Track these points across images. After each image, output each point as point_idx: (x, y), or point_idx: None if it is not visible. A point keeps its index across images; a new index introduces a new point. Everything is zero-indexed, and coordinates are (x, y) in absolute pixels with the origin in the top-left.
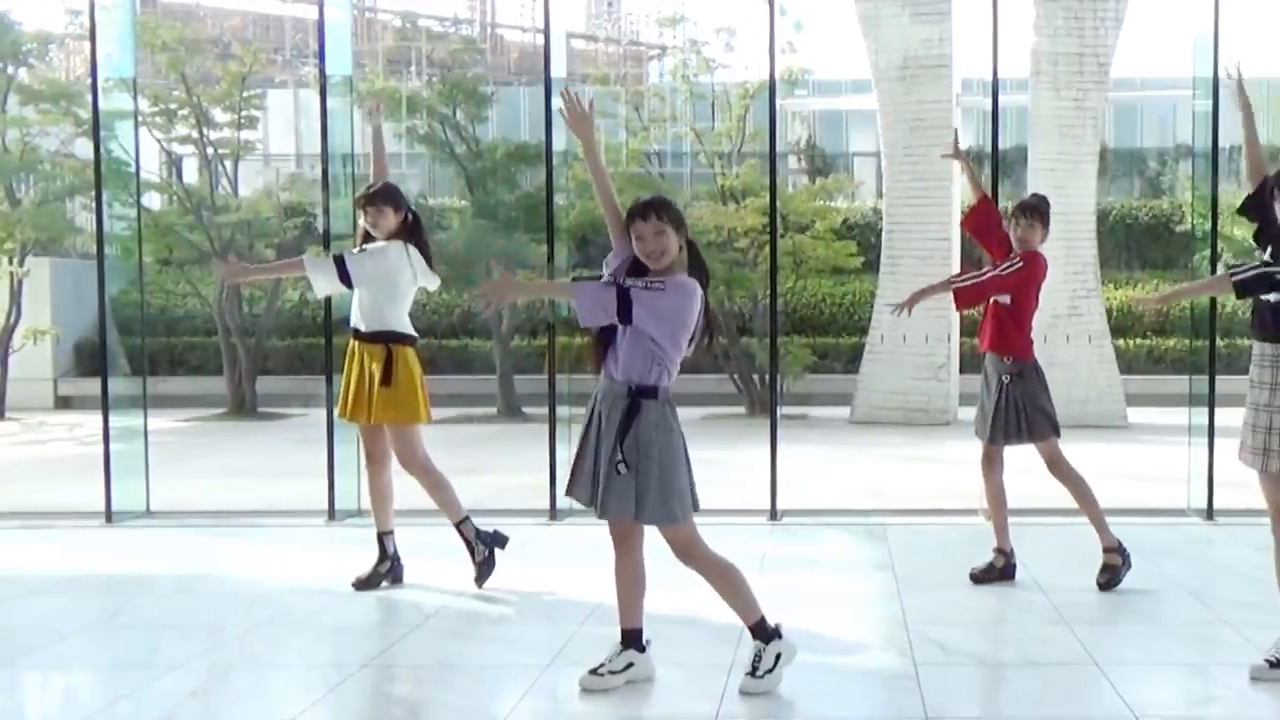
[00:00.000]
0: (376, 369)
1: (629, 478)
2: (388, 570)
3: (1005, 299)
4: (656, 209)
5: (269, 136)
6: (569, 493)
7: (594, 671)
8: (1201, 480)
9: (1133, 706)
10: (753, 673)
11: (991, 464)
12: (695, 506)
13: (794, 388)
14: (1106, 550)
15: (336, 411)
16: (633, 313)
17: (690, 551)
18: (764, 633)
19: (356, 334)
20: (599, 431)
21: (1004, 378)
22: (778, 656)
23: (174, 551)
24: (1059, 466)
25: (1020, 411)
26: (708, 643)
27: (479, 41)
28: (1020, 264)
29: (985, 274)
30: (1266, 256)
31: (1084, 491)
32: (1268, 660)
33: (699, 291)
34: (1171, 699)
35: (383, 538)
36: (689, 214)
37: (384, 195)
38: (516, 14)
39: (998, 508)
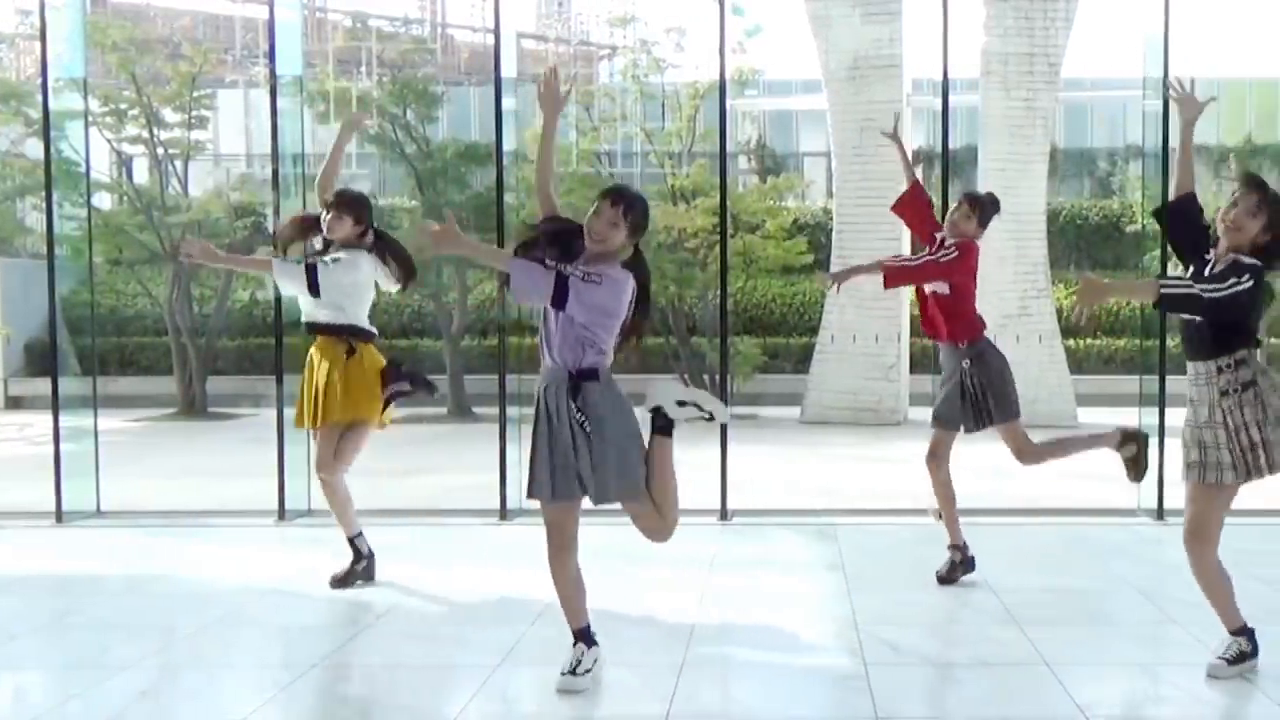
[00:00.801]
0: (337, 365)
1: (589, 458)
2: (364, 569)
3: (944, 289)
4: (627, 203)
5: (219, 136)
6: (534, 495)
7: (572, 673)
8: (1151, 480)
9: (1083, 706)
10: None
11: (938, 458)
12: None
13: (744, 387)
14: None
15: (296, 422)
16: (567, 300)
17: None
18: (586, 637)
19: (314, 328)
20: (552, 424)
21: (964, 363)
22: (595, 660)
23: (124, 551)
24: (1028, 453)
25: (984, 396)
26: (659, 643)
27: (429, 41)
28: (956, 253)
29: (921, 259)
30: (1188, 276)
31: (1065, 446)
32: (1224, 659)
33: (631, 285)
34: (1121, 699)
35: (355, 541)
36: None
37: (349, 204)
38: (467, 14)
39: (947, 502)
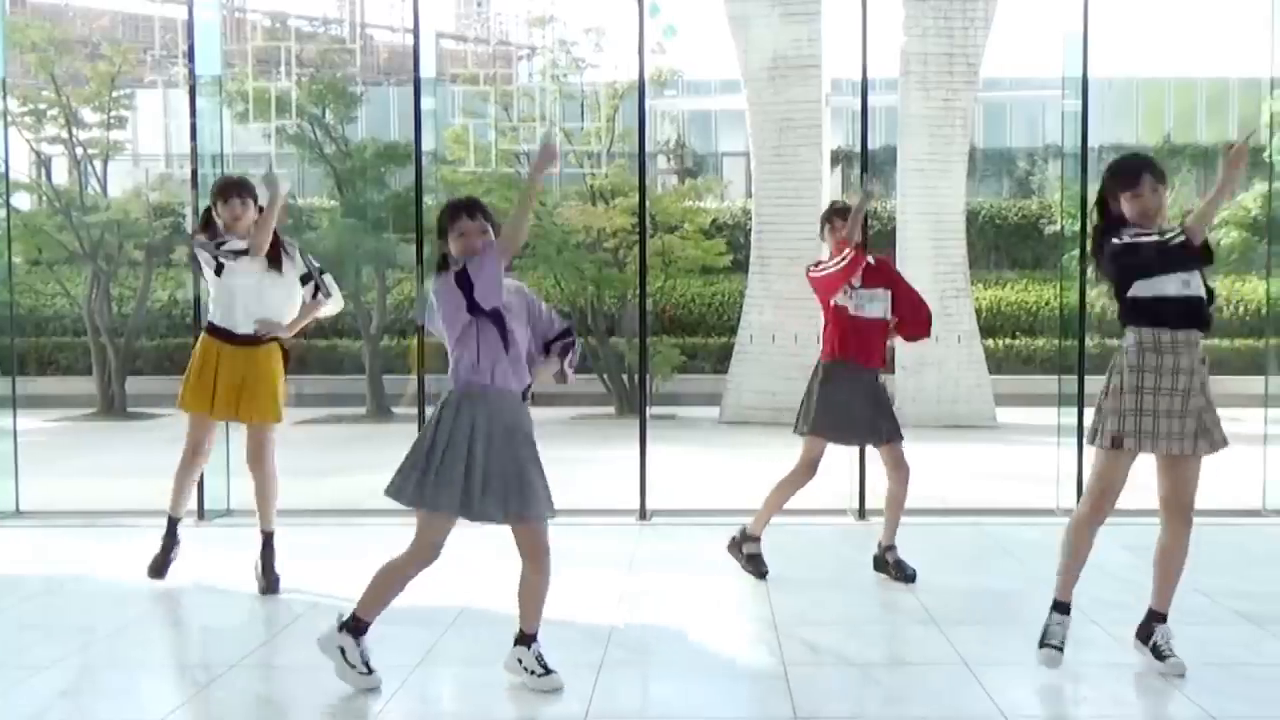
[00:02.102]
0: (265, 367)
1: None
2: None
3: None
4: (480, 209)
5: (138, 136)
6: (436, 507)
7: (544, 674)
8: (1070, 480)
9: (1002, 707)
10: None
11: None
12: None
13: (663, 388)
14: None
15: (197, 406)
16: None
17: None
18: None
19: (233, 337)
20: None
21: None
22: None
23: (44, 551)
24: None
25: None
26: (577, 643)
27: (348, 41)
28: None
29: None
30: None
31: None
32: (1056, 645)
33: None
34: (1041, 699)
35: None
36: (557, 214)
37: (246, 187)
38: (386, 14)
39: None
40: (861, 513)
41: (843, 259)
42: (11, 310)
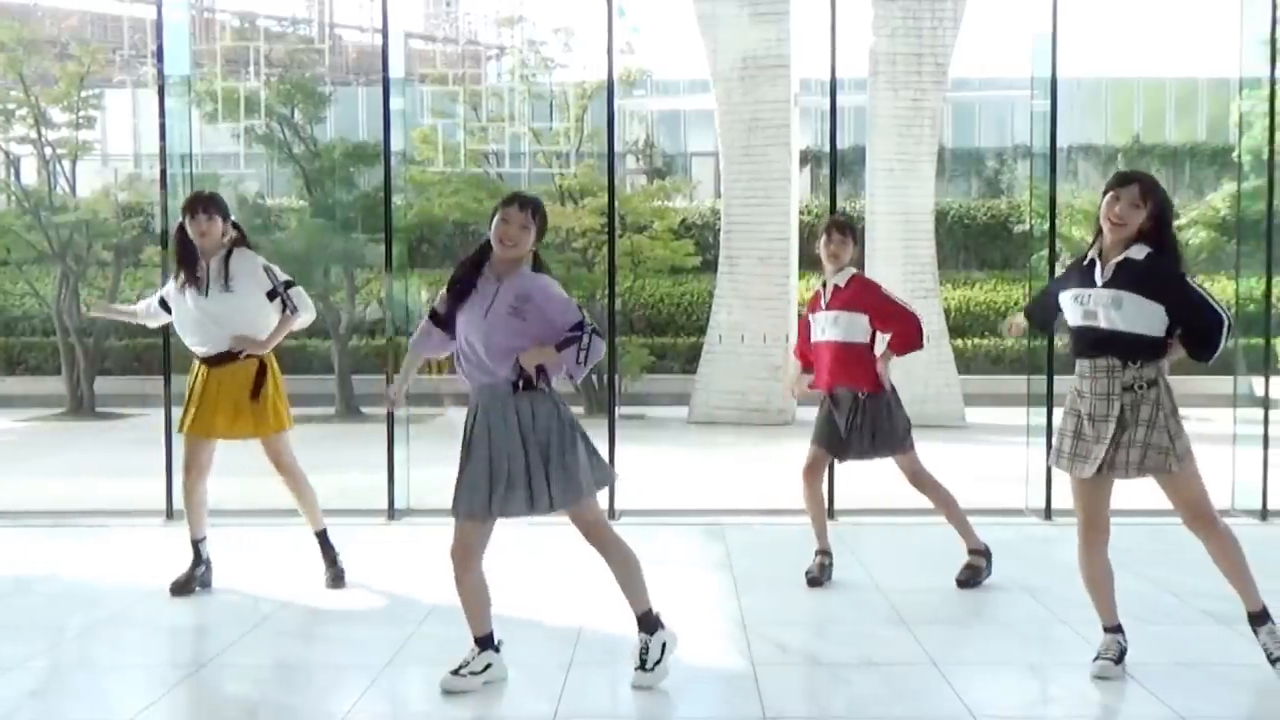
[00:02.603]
0: (236, 383)
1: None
2: (202, 574)
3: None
4: (534, 206)
5: (107, 137)
6: (470, 512)
7: (455, 672)
8: (1039, 480)
9: (971, 706)
10: (642, 665)
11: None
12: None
13: (632, 387)
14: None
15: (195, 429)
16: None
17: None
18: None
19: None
20: (492, 438)
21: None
22: (664, 646)
23: (12, 551)
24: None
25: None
26: (546, 643)
27: (317, 41)
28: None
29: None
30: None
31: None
32: (1110, 658)
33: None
34: (1010, 699)
35: (199, 544)
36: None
37: (216, 203)
38: (354, 14)
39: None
40: (831, 512)
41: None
42: None
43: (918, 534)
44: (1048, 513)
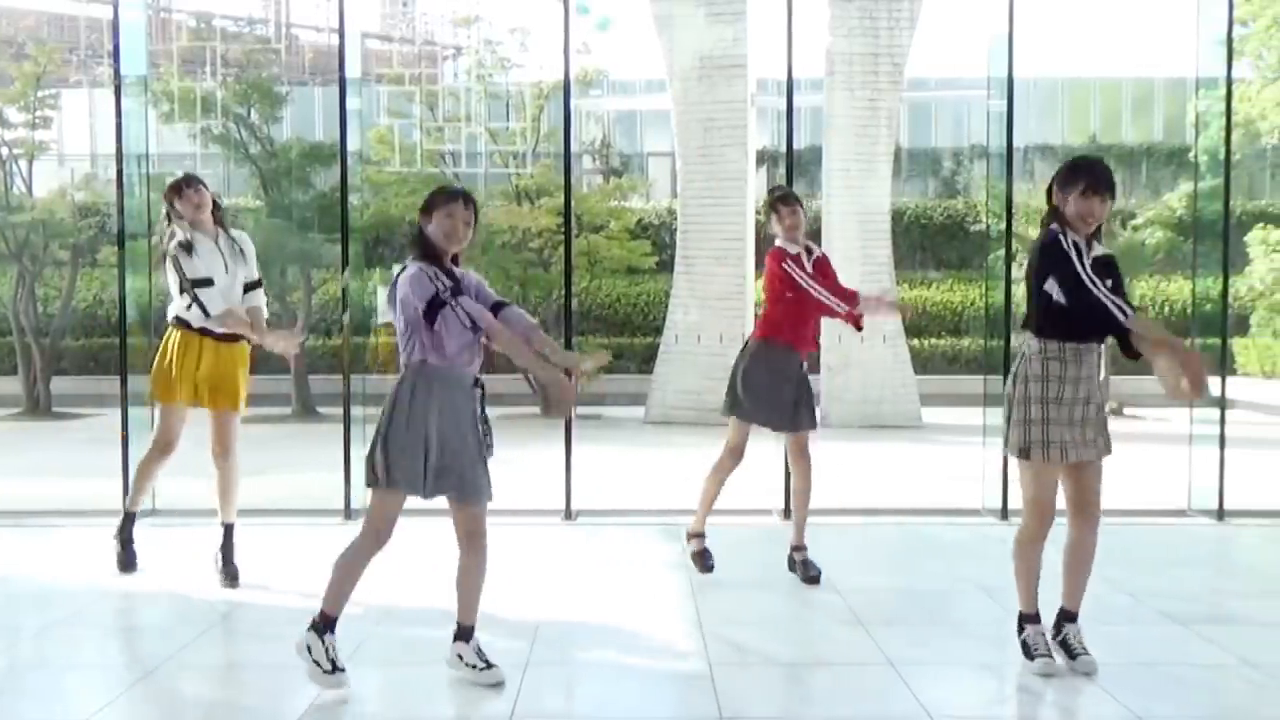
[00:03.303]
0: (235, 360)
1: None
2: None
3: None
4: (474, 203)
5: (63, 137)
6: (422, 493)
7: (486, 668)
8: (996, 480)
9: (927, 706)
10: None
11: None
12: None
13: (588, 388)
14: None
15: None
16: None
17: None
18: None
19: (209, 333)
20: (443, 421)
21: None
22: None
23: None
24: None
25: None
26: (503, 643)
27: (274, 42)
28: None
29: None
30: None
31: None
32: (1047, 654)
33: None
34: (966, 698)
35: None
36: (483, 214)
37: (202, 180)
38: (311, 14)
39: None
40: (787, 512)
41: (833, 305)
42: None
43: (874, 534)
44: (1004, 513)
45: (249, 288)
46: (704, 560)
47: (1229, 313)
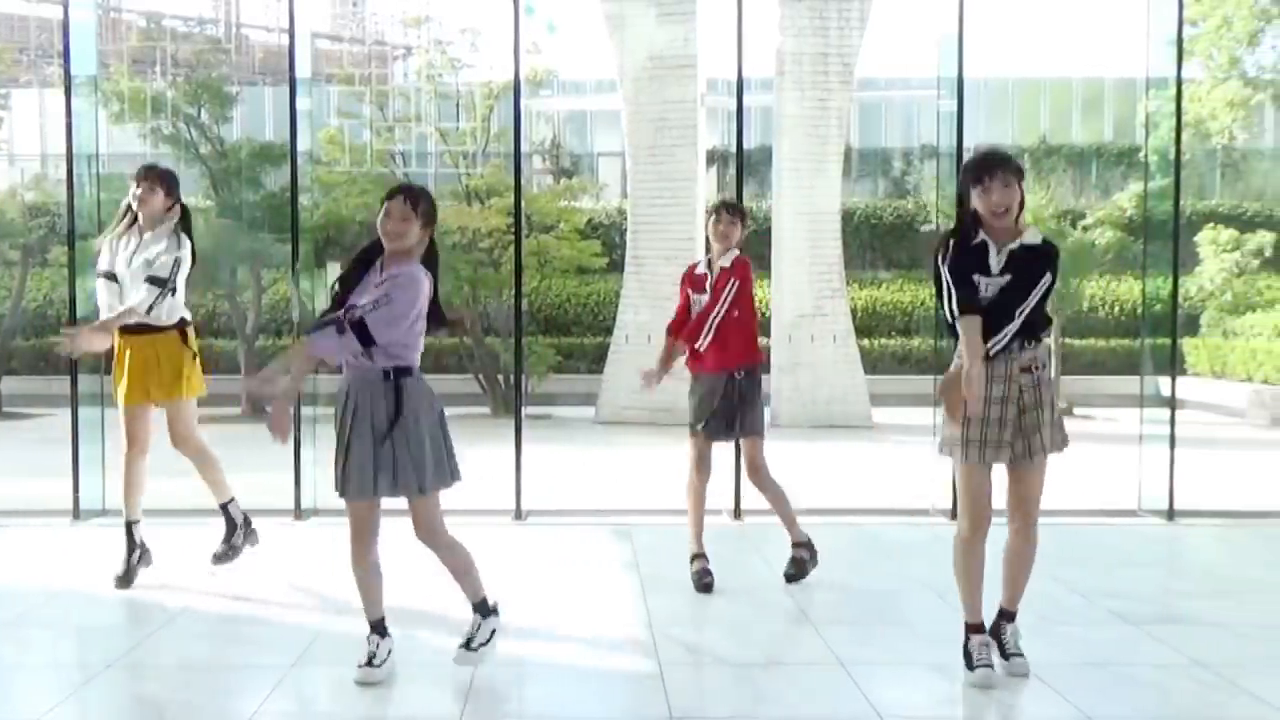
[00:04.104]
0: (170, 353)
1: (408, 452)
2: (139, 559)
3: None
4: (412, 196)
5: (13, 137)
6: (346, 494)
7: (369, 664)
8: (946, 480)
9: (877, 706)
10: (467, 644)
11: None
12: (457, 476)
13: (539, 388)
14: (796, 545)
15: (123, 397)
16: (372, 338)
17: (437, 525)
18: (484, 608)
19: (125, 329)
20: (362, 419)
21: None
22: (493, 631)
23: None
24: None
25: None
26: (454, 639)
27: (224, 41)
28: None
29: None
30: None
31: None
32: (988, 663)
33: (427, 280)
34: (916, 698)
35: (132, 527)
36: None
37: (161, 176)
38: (261, 14)
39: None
40: (737, 512)
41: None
42: None
43: (824, 534)
44: (954, 513)
45: (151, 280)
46: (700, 579)
47: (1179, 312)
